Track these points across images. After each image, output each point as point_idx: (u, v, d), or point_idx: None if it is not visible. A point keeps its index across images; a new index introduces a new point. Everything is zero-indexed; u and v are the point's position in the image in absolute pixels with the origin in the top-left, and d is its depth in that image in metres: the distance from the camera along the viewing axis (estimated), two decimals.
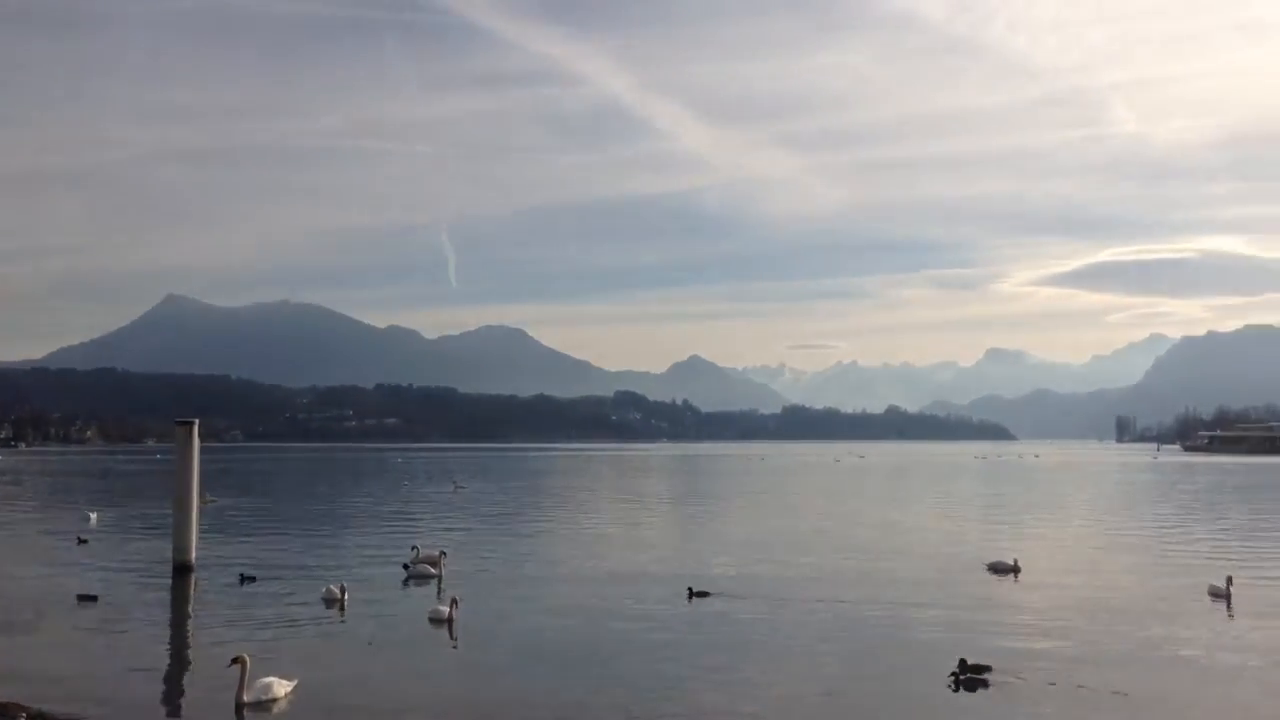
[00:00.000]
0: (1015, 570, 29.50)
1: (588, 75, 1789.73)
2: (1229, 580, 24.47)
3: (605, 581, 28.47)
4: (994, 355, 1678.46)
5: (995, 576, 29.18)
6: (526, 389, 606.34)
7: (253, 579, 28.77)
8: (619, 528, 45.73)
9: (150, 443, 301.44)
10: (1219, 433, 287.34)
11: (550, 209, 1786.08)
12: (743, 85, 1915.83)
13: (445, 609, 22.56)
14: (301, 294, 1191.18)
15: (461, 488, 78.93)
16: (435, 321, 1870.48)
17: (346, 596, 25.07)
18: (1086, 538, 41.70)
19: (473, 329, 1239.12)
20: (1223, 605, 23.66)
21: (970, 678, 16.32)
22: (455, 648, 20.56)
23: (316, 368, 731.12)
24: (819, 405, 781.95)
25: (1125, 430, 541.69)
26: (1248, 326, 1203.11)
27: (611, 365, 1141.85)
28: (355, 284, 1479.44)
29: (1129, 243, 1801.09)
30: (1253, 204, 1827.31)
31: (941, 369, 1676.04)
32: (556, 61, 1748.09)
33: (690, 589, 25.19)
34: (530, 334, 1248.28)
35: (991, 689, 16.09)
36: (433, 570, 29.46)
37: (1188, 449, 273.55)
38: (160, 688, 17.56)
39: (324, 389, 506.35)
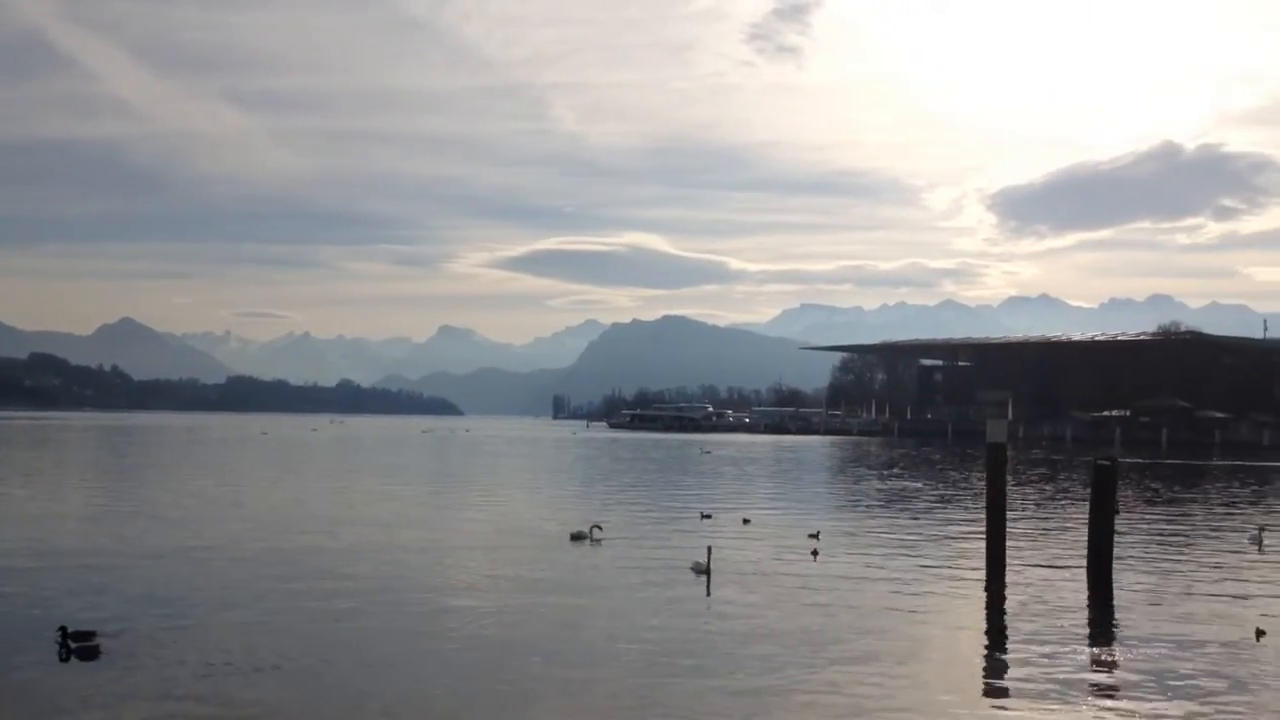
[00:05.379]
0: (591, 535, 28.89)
1: None
2: (709, 551, 24.44)
3: None
4: (445, 333, 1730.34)
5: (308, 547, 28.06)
6: None
7: None
8: None
9: None
10: (639, 411, 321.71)
11: None
12: (184, 32, 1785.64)
13: None
14: None
15: None
16: None
17: None
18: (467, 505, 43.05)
19: None
20: (703, 579, 23.28)
21: (81, 646, 15.62)
22: None
23: None
24: (268, 376, 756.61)
25: (561, 408, 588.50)
26: (665, 317, 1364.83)
27: (26, 324, 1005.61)
28: None
29: (568, 233, 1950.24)
30: (672, 207, 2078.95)
31: (395, 344, 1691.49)
32: None
33: None
34: None
35: (105, 656, 15.46)
36: None
37: (613, 425, 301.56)
38: None
39: None
